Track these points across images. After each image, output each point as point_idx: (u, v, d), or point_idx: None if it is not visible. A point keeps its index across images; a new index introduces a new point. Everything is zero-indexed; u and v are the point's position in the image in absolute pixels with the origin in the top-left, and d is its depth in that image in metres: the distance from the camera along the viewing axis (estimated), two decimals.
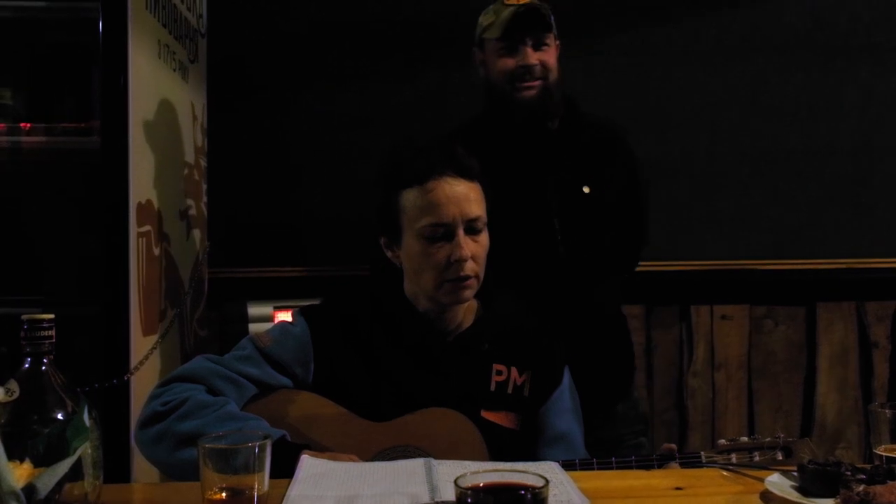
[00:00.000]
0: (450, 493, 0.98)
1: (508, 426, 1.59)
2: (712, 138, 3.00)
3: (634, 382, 2.36)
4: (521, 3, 2.09)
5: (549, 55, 2.12)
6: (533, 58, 2.10)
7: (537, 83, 2.10)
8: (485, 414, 1.57)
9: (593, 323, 2.14)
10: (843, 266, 3.00)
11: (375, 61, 2.95)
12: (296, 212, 2.92)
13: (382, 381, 1.56)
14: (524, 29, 2.09)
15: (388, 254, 1.64)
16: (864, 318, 3.05)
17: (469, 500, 0.90)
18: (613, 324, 2.25)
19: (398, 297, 1.63)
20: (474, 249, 1.54)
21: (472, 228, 1.55)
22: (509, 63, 2.11)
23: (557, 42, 2.17)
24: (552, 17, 2.12)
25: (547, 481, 0.91)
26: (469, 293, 1.57)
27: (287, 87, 2.93)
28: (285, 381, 1.57)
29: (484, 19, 2.18)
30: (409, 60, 2.96)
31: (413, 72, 2.95)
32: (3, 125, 2.25)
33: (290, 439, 1.42)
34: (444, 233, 1.53)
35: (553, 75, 2.12)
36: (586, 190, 2.14)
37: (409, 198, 1.55)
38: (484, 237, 1.58)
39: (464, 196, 1.54)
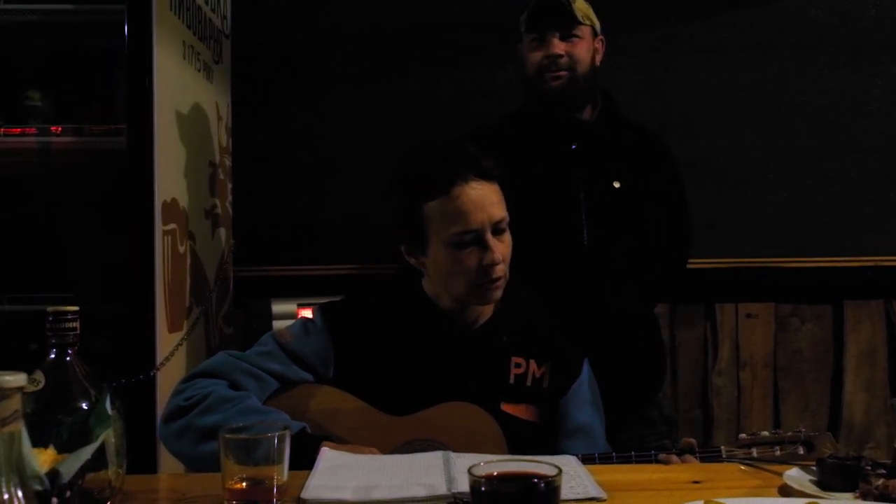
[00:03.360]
0: (467, 485, 0.98)
1: (528, 419, 1.59)
2: (737, 137, 2.98)
3: (663, 387, 2.33)
4: None
5: (577, 47, 2.13)
6: (559, 48, 2.11)
7: (564, 73, 2.11)
8: (505, 407, 1.57)
9: (617, 320, 2.12)
10: (871, 264, 2.97)
11: (398, 62, 2.97)
12: (319, 210, 2.94)
13: (402, 377, 1.57)
14: (547, 20, 2.12)
15: (411, 260, 1.62)
16: (893, 316, 3.01)
17: (482, 489, 0.91)
18: (641, 325, 2.22)
19: (418, 295, 1.64)
20: (502, 251, 1.55)
21: (498, 230, 1.55)
22: (538, 54, 2.13)
23: (599, 37, 2.19)
24: (577, 11, 2.12)
25: (560, 470, 0.92)
26: (499, 293, 1.57)
27: (311, 87, 2.96)
28: (306, 376, 1.59)
29: (523, 16, 2.21)
30: (433, 61, 2.97)
31: (436, 73, 2.97)
32: (34, 128, 2.30)
33: (310, 431, 1.44)
34: (472, 238, 1.53)
35: (582, 67, 2.13)
36: (616, 185, 2.14)
37: (434, 208, 1.54)
38: (508, 236, 1.58)
39: (488, 200, 1.53)
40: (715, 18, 2.99)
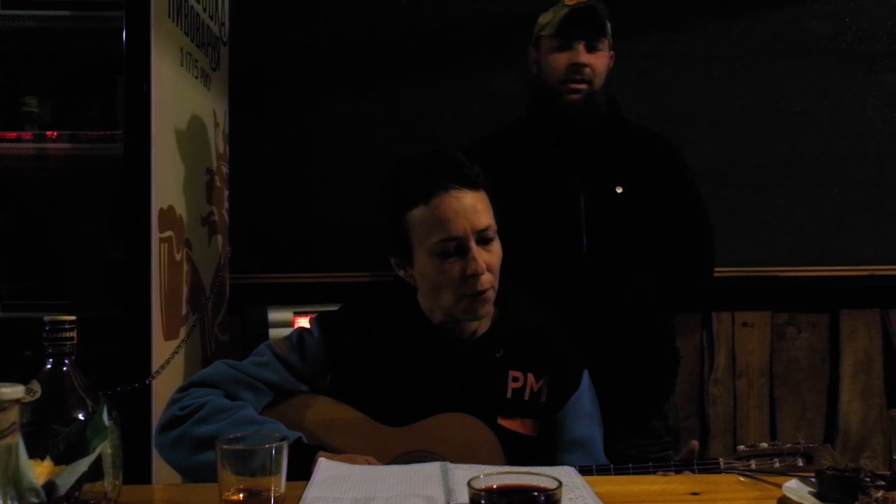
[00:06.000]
0: (465, 497, 0.98)
1: (526, 433, 1.58)
2: (734, 144, 2.99)
3: (670, 398, 2.28)
4: (577, 5, 2.09)
5: (599, 60, 2.12)
6: (584, 57, 2.09)
7: (584, 87, 2.10)
8: (501, 421, 1.56)
9: (616, 329, 2.09)
10: (867, 273, 2.98)
11: (396, 68, 2.97)
12: (316, 218, 2.94)
13: (398, 388, 1.56)
14: (578, 27, 2.09)
15: (401, 273, 1.61)
16: (889, 325, 3.02)
17: (482, 502, 0.91)
18: (643, 334, 2.16)
19: (412, 309, 1.62)
20: (488, 260, 1.52)
21: (483, 239, 1.52)
22: (562, 60, 2.11)
23: (612, 53, 2.18)
24: (608, 24, 2.12)
25: (560, 483, 0.91)
26: (487, 307, 1.55)
27: (308, 94, 2.95)
28: (302, 386, 1.58)
29: (543, 18, 2.17)
30: (430, 68, 2.97)
31: (434, 78, 2.97)
32: (29, 133, 2.29)
33: (305, 441, 1.43)
34: (456, 247, 1.50)
35: (599, 81, 2.12)
36: (619, 190, 2.12)
37: (416, 216, 1.52)
38: (496, 246, 1.55)
39: (471, 207, 1.50)
40: (713, 27, 3.00)
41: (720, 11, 3.00)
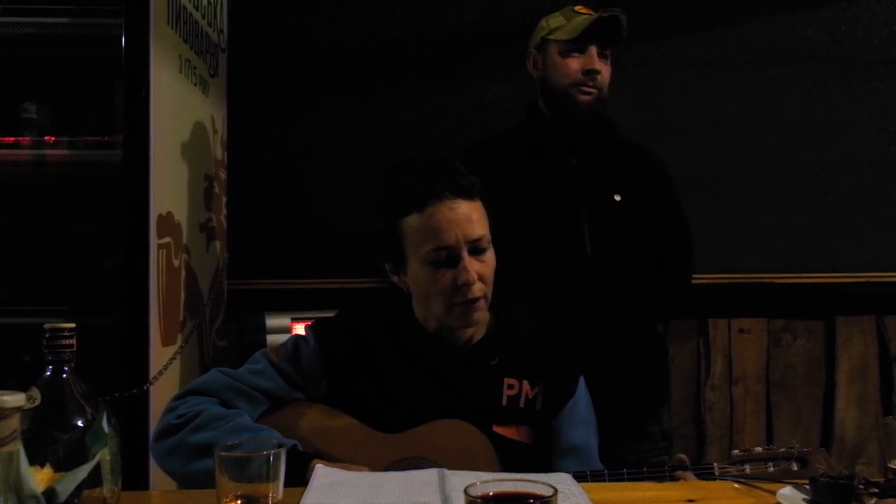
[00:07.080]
0: (461, 503, 0.98)
1: (521, 440, 1.58)
2: (729, 152, 3.00)
3: (666, 401, 2.31)
4: (603, 14, 2.09)
5: (607, 68, 2.15)
6: (598, 63, 2.11)
7: (594, 91, 2.12)
8: (497, 429, 1.56)
9: (619, 334, 2.13)
10: (863, 279, 2.99)
11: (395, 74, 2.98)
12: (314, 224, 2.94)
13: (393, 396, 1.56)
14: (600, 35, 2.11)
15: (394, 279, 1.62)
16: (884, 332, 3.03)
17: None
18: (643, 339, 2.21)
19: (407, 316, 1.62)
20: (480, 269, 1.52)
21: (476, 249, 1.53)
22: (575, 64, 2.12)
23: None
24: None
25: (556, 491, 0.92)
26: (479, 315, 1.55)
27: (306, 101, 2.96)
28: (298, 394, 1.58)
29: (551, 22, 2.17)
30: (428, 74, 2.98)
31: (432, 85, 2.98)
32: (28, 139, 2.29)
33: (301, 449, 1.44)
34: (448, 256, 1.51)
35: (606, 88, 2.15)
36: (617, 198, 2.15)
37: (410, 224, 1.53)
38: (489, 255, 1.56)
39: (465, 217, 1.51)
40: (706, 35, 3.02)
41: (714, 18, 3.01)
